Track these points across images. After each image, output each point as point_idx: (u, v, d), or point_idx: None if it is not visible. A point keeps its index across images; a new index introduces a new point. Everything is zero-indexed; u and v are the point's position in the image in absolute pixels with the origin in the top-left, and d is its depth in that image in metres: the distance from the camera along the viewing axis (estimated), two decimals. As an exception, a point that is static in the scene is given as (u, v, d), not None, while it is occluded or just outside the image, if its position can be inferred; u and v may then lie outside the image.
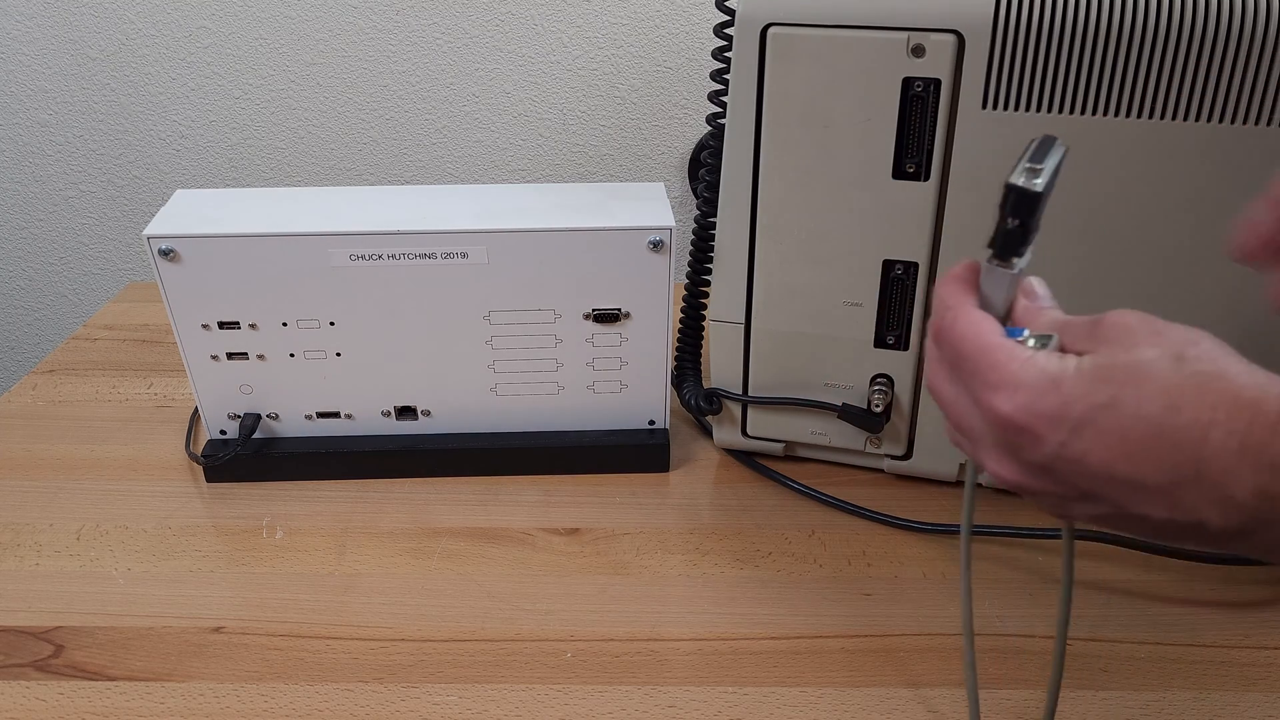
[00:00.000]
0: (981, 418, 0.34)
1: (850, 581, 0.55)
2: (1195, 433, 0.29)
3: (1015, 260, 0.36)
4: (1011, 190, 0.34)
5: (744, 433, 0.65)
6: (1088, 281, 0.53)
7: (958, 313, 0.35)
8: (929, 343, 0.37)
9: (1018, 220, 0.35)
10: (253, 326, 0.60)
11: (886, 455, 0.62)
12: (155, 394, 0.74)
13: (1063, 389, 0.31)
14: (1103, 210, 0.51)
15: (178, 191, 0.62)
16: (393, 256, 0.57)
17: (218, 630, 0.52)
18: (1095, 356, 0.32)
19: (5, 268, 1.05)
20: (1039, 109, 0.49)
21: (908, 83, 0.50)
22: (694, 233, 0.63)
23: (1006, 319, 0.36)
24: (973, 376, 0.34)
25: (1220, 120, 0.47)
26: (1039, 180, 0.35)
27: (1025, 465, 0.33)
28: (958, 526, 0.58)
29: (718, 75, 0.57)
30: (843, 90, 0.51)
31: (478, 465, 0.64)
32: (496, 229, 0.57)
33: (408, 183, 0.98)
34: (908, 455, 0.62)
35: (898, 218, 0.54)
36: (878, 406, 0.59)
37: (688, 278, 0.65)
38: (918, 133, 0.51)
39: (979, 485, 0.62)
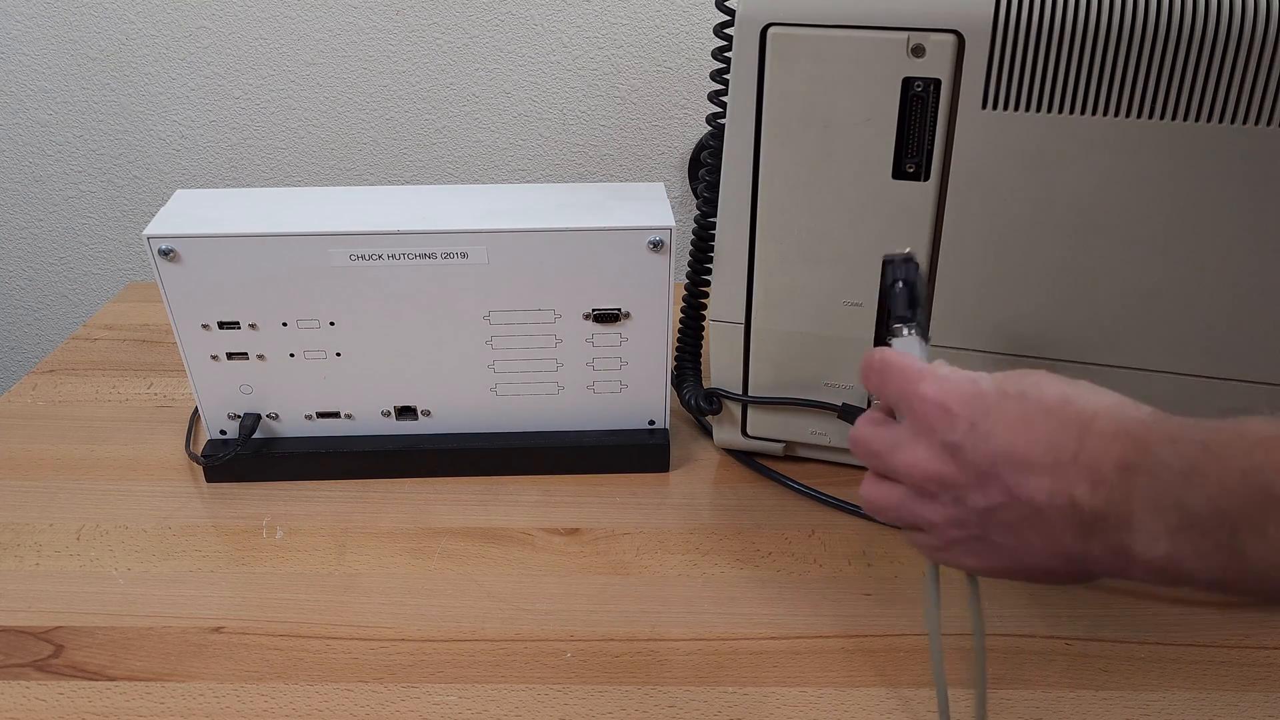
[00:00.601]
0: (905, 415, 0.40)
1: (850, 581, 0.55)
2: (1084, 418, 0.36)
3: (912, 325, 0.43)
4: (888, 261, 0.44)
5: (744, 433, 0.65)
6: (1088, 281, 0.53)
7: (885, 350, 0.43)
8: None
9: (899, 280, 0.43)
10: (253, 326, 0.60)
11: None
12: (155, 394, 0.74)
13: (979, 384, 0.39)
14: (1102, 210, 0.51)
15: (178, 191, 0.62)
16: (393, 256, 0.57)
17: (218, 630, 0.52)
18: (1006, 374, 0.39)
19: (5, 268, 1.05)
20: (1039, 109, 0.49)
21: (908, 83, 0.50)
22: (694, 233, 0.63)
23: None
24: (902, 377, 0.40)
25: (1220, 120, 0.47)
26: (908, 248, 0.44)
27: (938, 446, 0.38)
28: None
29: (718, 75, 0.57)
30: (843, 90, 0.51)
31: (478, 465, 0.64)
32: (497, 229, 0.57)
33: (408, 183, 0.98)
34: (908, 455, 0.62)
35: (898, 218, 0.54)
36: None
37: (688, 278, 0.65)
38: (918, 133, 0.51)
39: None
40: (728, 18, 0.53)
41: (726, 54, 0.54)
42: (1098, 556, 0.36)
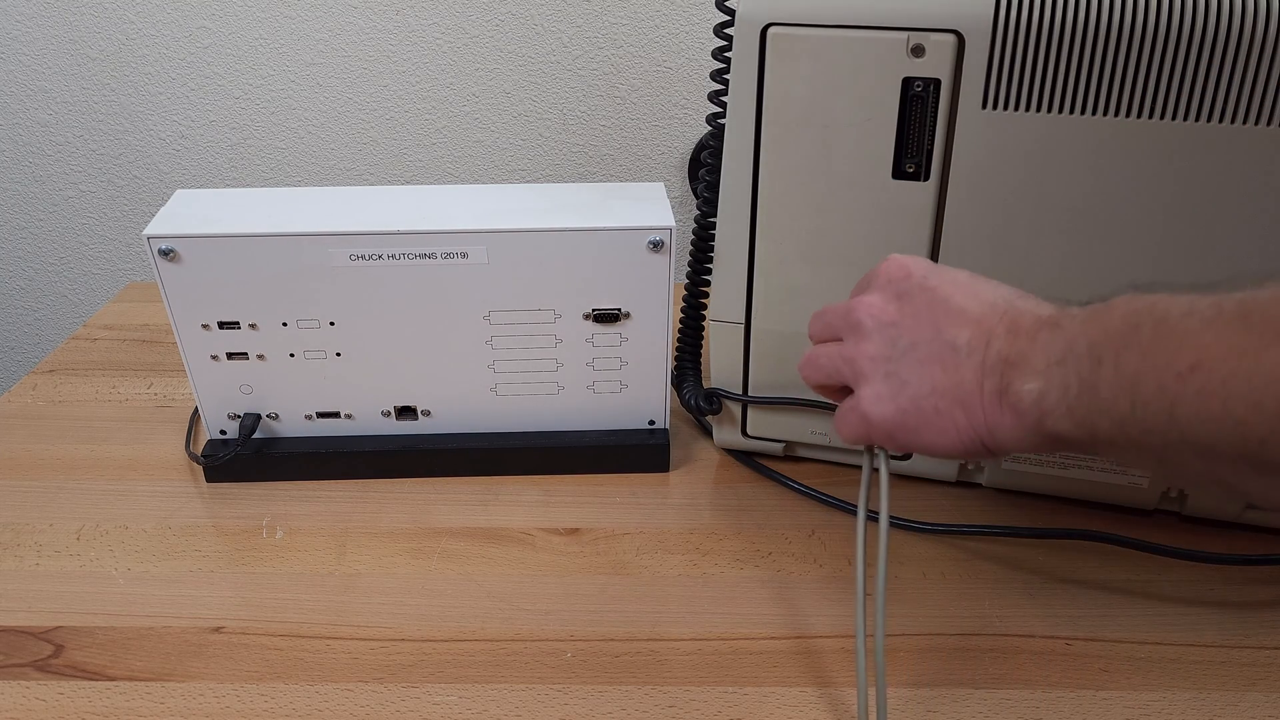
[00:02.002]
0: (864, 290, 0.45)
1: (850, 581, 0.55)
2: (1020, 291, 0.42)
3: None
4: None
5: (744, 433, 0.65)
6: (1087, 281, 0.53)
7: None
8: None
9: None
10: (253, 326, 0.60)
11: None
12: (155, 394, 0.74)
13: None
14: (1102, 210, 0.51)
15: (178, 191, 0.62)
16: (393, 256, 0.57)
17: (218, 630, 0.52)
18: None
19: (5, 268, 1.05)
20: (1039, 109, 0.49)
21: (908, 83, 0.50)
22: (694, 233, 0.63)
23: None
24: (854, 292, 0.46)
25: (1220, 120, 0.47)
26: None
27: (891, 294, 0.44)
28: (959, 527, 0.58)
29: (718, 75, 0.57)
30: (843, 90, 0.51)
31: (478, 465, 0.64)
32: (496, 229, 0.57)
33: (408, 183, 0.98)
34: (908, 455, 0.62)
35: (898, 218, 0.54)
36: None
37: (688, 278, 0.65)
38: (917, 133, 0.51)
39: (976, 485, 0.62)
40: (728, 18, 0.53)
41: (726, 54, 0.54)
42: (985, 403, 0.39)
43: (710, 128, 0.59)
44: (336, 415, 0.63)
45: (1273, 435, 0.29)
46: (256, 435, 0.63)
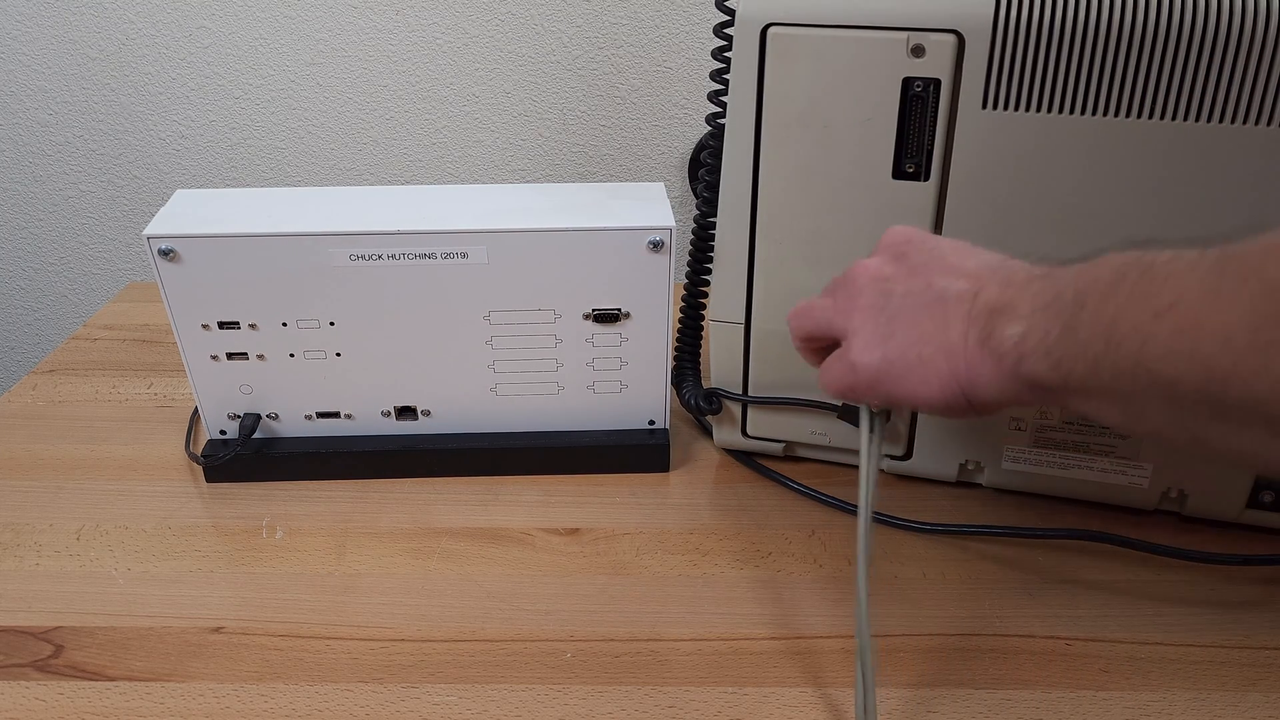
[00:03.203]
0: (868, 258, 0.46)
1: (850, 581, 0.55)
2: (1004, 257, 0.42)
3: None
4: None
5: (744, 433, 0.65)
6: (1088, 281, 0.53)
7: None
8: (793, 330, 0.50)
9: None
10: (253, 326, 0.60)
11: (886, 455, 0.62)
12: (155, 394, 0.74)
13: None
14: (1102, 210, 0.51)
15: (178, 191, 0.62)
16: (393, 256, 0.57)
17: (218, 630, 0.52)
18: None
19: (5, 268, 1.05)
20: (1039, 109, 0.49)
21: (908, 83, 0.50)
22: (694, 233, 0.63)
23: None
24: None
25: (1220, 120, 0.47)
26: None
27: (890, 256, 0.45)
28: (959, 527, 0.58)
29: (718, 75, 0.57)
30: (843, 90, 0.51)
31: (478, 465, 0.64)
32: (496, 229, 0.57)
33: (408, 183, 0.98)
34: (908, 455, 0.62)
35: (898, 218, 0.53)
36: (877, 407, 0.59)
37: (688, 278, 0.65)
38: (918, 133, 0.51)
39: (976, 485, 0.62)
40: (728, 18, 0.53)
41: (726, 54, 0.54)
42: (968, 351, 0.40)
43: (710, 128, 0.59)
44: (336, 415, 0.63)
45: (1234, 372, 0.30)
46: (256, 435, 0.63)
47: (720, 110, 0.58)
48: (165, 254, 0.57)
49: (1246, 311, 0.30)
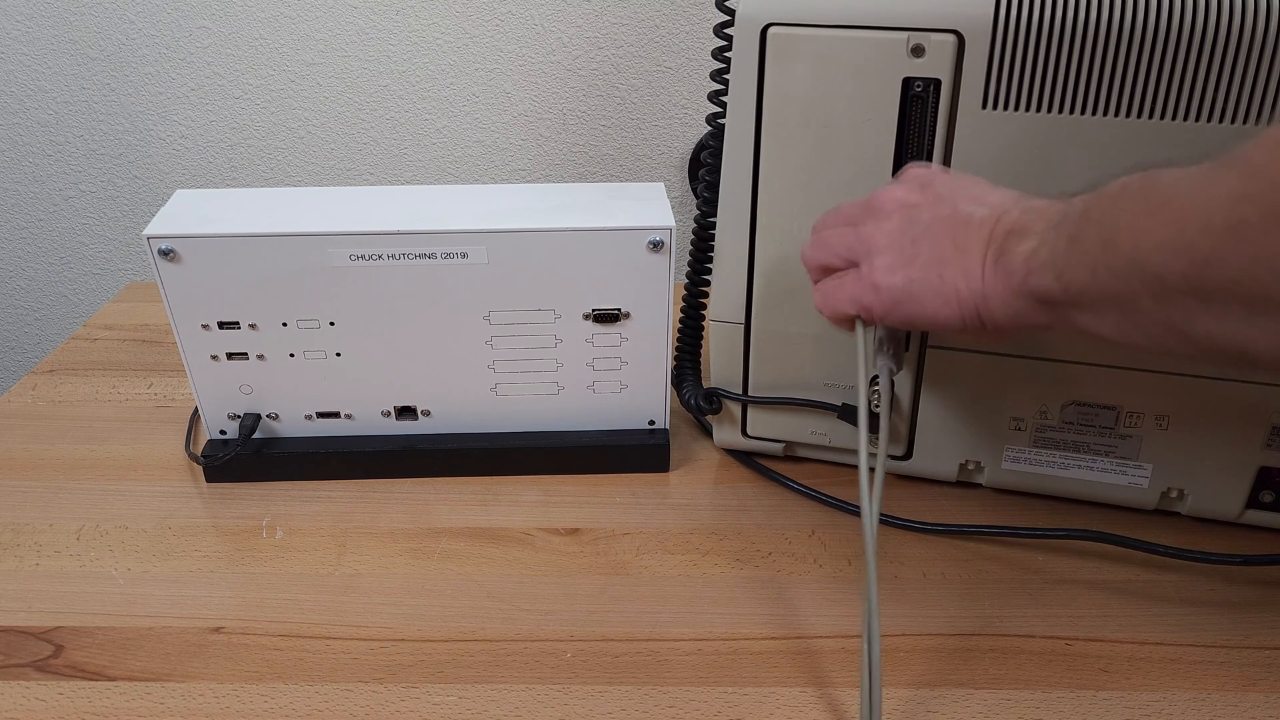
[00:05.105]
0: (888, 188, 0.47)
1: (850, 581, 0.55)
2: (1020, 193, 0.43)
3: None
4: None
5: (744, 433, 0.65)
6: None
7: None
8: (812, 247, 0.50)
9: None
10: (253, 326, 0.60)
11: (887, 456, 0.62)
12: (155, 394, 0.74)
13: None
14: (1103, 210, 0.51)
15: (178, 191, 0.62)
16: (393, 256, 0.57)
17: (218, 630, 0.52)
18: None
19: (5, 268, 1.05)
20: (1039, 109, 0.49)
21: (908, 83, 0.50)
22: (694, 233, 0.63)
23: None
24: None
25: (1220, 120, 0.47)
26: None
27: (915, 184, 0.46)
28: (959, 527, 0.58)
29: (718, 75, 0.57)
30: (843, 90, 0.51)
31: (478, 465, 0.64)
32: (496, 229, 0.57)
33: (408, 183, 0.98)
34: (908, 455, 0.62)
35: (898, 218, 0.54)
36: (877, 406, 0.59)
37: (688, 278, 0.65)
38: (918, 133, 0.51)
39: (977, 485, 0.62)
40: (728, 18, 0.53)
41: (726, 54, 0.54)
42: (985, 270, 0.41)
43: (710, 128, 0.59)
44: (336, 415, 0.63)
45: (1214, 255, 0.31)
46: (256, 435, 0.63)
47: (720, 110, 0.58)
48: (165, 254, 0.57)
49: (1225, 195, 0.31)
